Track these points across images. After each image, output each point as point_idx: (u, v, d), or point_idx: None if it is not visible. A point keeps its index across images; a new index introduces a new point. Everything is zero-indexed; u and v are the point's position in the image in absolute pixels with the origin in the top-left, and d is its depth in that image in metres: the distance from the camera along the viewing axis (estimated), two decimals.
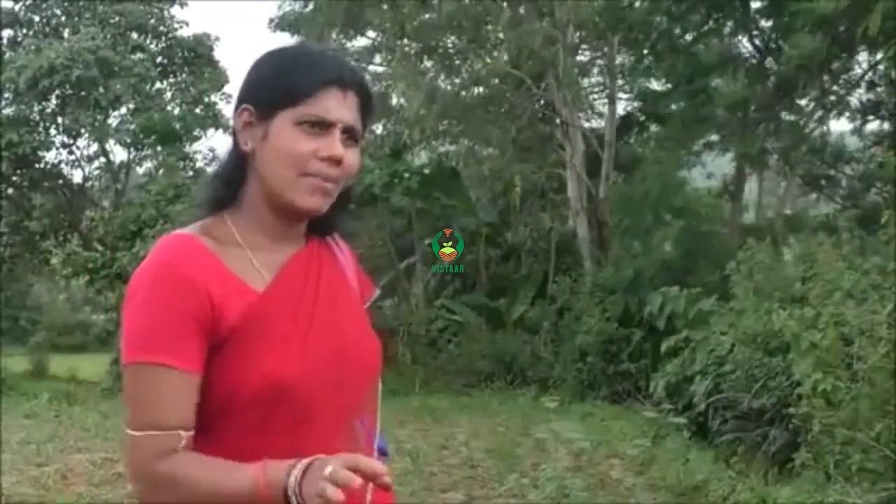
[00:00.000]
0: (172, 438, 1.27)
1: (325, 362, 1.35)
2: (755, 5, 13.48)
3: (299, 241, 1.44)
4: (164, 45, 20.78)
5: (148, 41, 20.61)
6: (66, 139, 20.05)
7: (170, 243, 1.34)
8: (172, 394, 1.27)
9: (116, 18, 19.55)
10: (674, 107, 16.19)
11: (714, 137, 16.10)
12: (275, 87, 1.36)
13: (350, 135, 1.37)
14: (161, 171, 18.09)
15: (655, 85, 17.32)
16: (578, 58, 17.75)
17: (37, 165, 19.64)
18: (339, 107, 1.36)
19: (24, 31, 20.06)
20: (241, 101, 1.40)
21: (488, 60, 15.31)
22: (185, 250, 1.32)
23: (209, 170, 19.73)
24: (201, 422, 1.30)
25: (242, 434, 1.31)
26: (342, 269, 1.50)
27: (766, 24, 14.16)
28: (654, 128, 18.33)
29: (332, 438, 1.35)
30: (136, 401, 1.28)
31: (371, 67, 19.89)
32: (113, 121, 19.86)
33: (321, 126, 1.34)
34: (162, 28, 20.59)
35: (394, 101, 18.38)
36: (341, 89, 1.36)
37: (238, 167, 1.40)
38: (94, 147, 20.68)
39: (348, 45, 19.17)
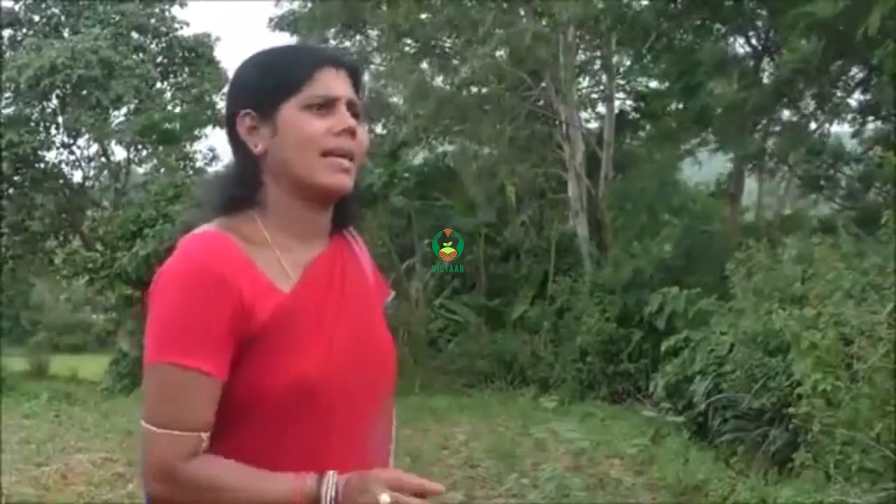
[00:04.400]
0: (194, 440, 1.27)
1: (348, 364, 1.36)
2: (752, 6, 13.49)
3: (324, 239, 1.44)
4: (164, 45, 20.79)
5: (148, 41, 20.62)
6: (66, 139, 20.07)
7: (201, 240, 1.33)
8: (199, 397, 1.27)
9: (117, 18, 19.56)
10: (670, 107, 16.24)
11: (710, 137, 16.09)
12: (270, 82, 1.37)
13: (353, 111, 1.39)
14: (161, 171, 18.09)
15: (654, 84, 17.35)
16: (577, 57, 17.74)
17: (37, 165, 19.64)
18: (337, 83, 1.38)
19: (25, 30, 20.07)
20: (235, 108, 1.39)
21: (488, 60, 15.30)
22: (218, 247, 1.31)
23: (209, 170, 19.78)
24: (224, 420, 1.30)
25: (265, 433, 1.31)
26: (362, 268, 1.50)
27: (763, 25, 14.18)
28: (649, 127, 18.36)
29: (351, 439, 1.36)
30: (163, 399, 1.28)
31: (370, 66, 19.90)
32: (113, 121, 19.87)
33: (327, 105, 1.36)
34: (162, 28, 20.60)
35: (392, 100, 18.40)
36: (334, 67, 1.39)
37: (251, 169, 1.39)
38: (95, 147, 20.70)
39: (347, 44, 19.19)
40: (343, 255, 1.46)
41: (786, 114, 15.53)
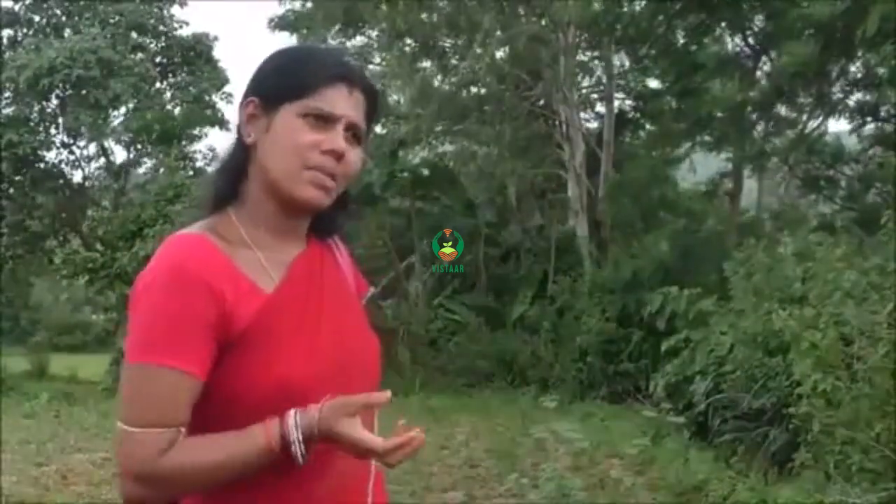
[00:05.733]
0: (170, 434, 1.26)
1: (332, 363, 1.35)
2: (749, 6, 13.51)
3: (301, 241, 1.43)
4: (163, 44, 20.78)
5: (147, 41, 20.61)
6: (66, 139, 20.04)
7: (182, 243, 1.33)
8: (175, 395, 1.27)
9: (116, 18, 19.53)
10: (668, 108, 16.27)
11: (707, 137, 16.11)
12: (282, 79, 1.36)
13: (353, 133, 1.37)
14: (161, 171, 18.08)
15: (653, 84, 17.38)
16: (577, 57, 17.74)
17: (37, 165, 19.62)
18: (344, 103, 1.36)
19: (25, 30, 20.05)
20: (248, 94, 1.40)
21: (488, 60, 15.30)
22: (199, 251, 1.31)
23: (209, 170, 19.76)
24: (205, 422, 1.29)
25: None
26: (342, 268, 1.50)
27: (761, 26, 14.19)
28: (648, 126, 18.38)
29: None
30: (139, 399, 1.27)
31: (370, 66, 19.90)
32: (113, 120, 19.85)
33: (325, 120, 1.34)
34: (161, 28, 20.58)
35: (391, 100, 18.41)
36: (348, 86, 1.37)
37: (240, 161, 1.39)
38: (95, 147, 20.68)
39: (347, 43, 19.20)
40: (322, 256, 1.46)
41: (784, 112, 15.55)
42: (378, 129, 18.86)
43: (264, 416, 1.29)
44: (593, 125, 18.19)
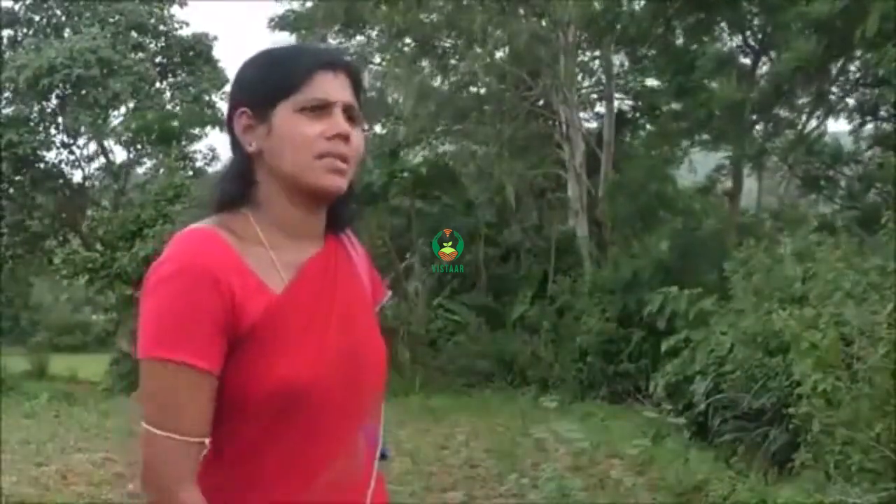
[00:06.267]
0: (195, 448, 1.26)
1: (338, 367, 1.35)
2: (749, 6, 13.52)
3: (319, 240, 1.43)
4: (163, 44, 20.78)
5: (147, 40, 20.61)
6: (66, 139, 20.05)
7: (193, 237, 1.33)
8: (194, 396, 1.26)
9: (116, 18, 19.54)
10: (667, 107, 16.27)
11: (707, 136, 16.11)
12: (268, 82, 1.37)
13: (349, 114, 1.39)
14: (161, 171, 18.08)
15: (653, 83, 17.36)
16: (577, 57, 17.73)
17: (37, 165, 19.63)
18: (334, 87, 1.38)
19: (25, 30, 20.06)
20: (234, 105, 1.40)
21: (488, 60, 15.30)
22: (210, 245, 1.31)
23: (209, 170, 19.78)
24: (215, 421, 1.29)
25: (249, 434, 1.31)
26: (357, 270, 1.49)
27: (761, 24, 14.20)
28: (648, 126, 18.38)
29: (338, 442, 1.36)
30: (158, 399, 1.27)
31: (370, 66, 19.89)
32: (113, 120, 19.86)
33: (322, 109, 1.36)
34: (161, 27, 20.59)
35: (391, 100, 18.41)
36: (332, 71, 1.38)
37: (245, 169, 1.39)
38: (94, 147, 20.69)
39: (347, 43, 19.20)
40: (337, 257, 1.45)
41: (783, 112, 15.54)
42: (378, 129, 18.87)
43: (267, 418, 1.30)
44: (593, 125, 18.18)
